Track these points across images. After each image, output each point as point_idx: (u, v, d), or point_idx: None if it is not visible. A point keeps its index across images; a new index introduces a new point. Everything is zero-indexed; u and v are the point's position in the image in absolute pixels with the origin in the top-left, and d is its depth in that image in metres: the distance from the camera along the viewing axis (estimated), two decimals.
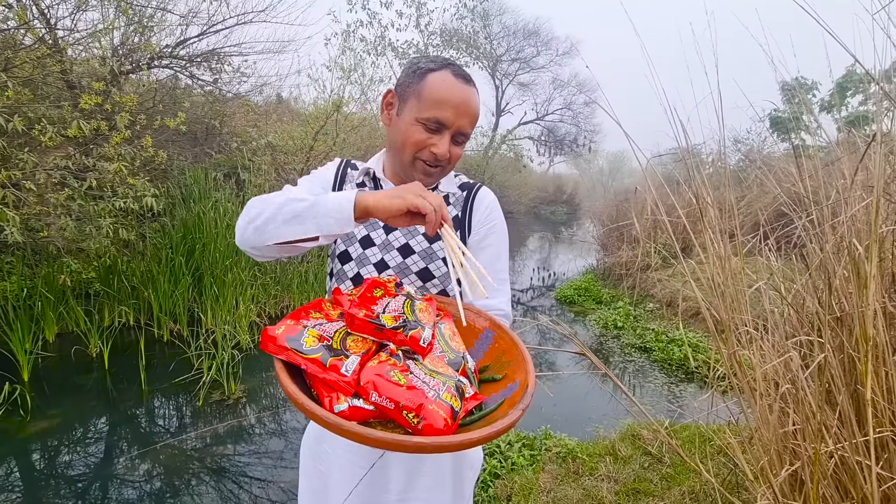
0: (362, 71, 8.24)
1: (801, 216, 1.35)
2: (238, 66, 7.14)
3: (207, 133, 7.15)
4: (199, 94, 6.94)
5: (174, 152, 5.73)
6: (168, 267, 4.63)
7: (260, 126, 7.51)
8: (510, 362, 0.75)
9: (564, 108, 19.56)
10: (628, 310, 5.71)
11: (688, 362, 4.23)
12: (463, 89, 0.88)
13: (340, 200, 0.71)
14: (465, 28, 11.94)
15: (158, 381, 3.67)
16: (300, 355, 0.63)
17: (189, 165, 5.78)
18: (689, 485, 1.99)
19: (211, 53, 6.79)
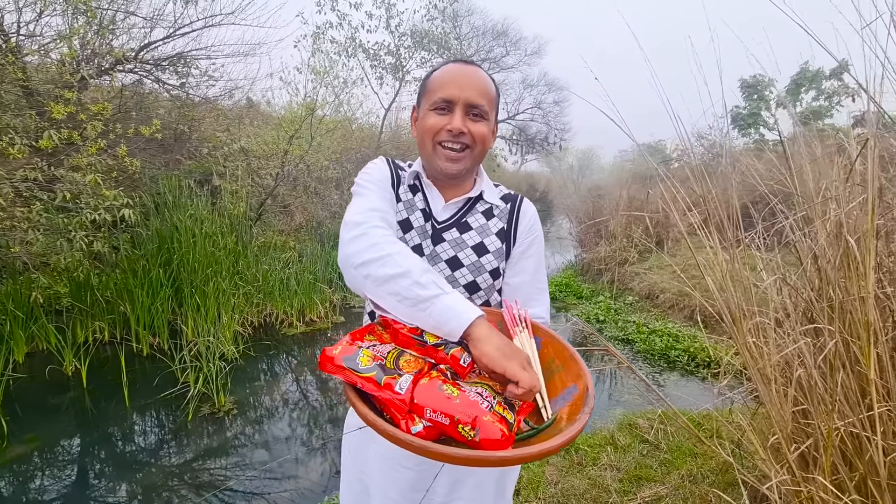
0: (335, 73, 8.15)
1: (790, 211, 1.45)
2: (206, 70, 6.94)
3: (176, 139, 6.92)
4: (166, 99, 6.71)
5: (143, 160, 5.52)
6: (145, 279, 4.47)
7: (232, 131, 7.33)
8: (562, 367, 0.77)
9: (534, 108, 19.87)
10: (609, 303, 5.88)
11: (669, 352, 4.40)
12: (462, 67, 0.93)
13: (459, 319, 0.71)
14: (435, 29, 11.96)
15: (143, 397, 3.55)
16: (356, 374, 0.65)
17: (160, 173, 5.60)
18: (686, 468, 2.10)
19: (177, 57, 6.58)
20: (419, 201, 0.99)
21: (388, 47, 11.68)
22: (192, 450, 2.99)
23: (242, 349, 4.25)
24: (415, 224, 0.97)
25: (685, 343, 4.47)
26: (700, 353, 4.26)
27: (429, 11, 11.50)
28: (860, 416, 0.97)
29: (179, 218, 4.85)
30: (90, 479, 2.72)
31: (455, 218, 0.99)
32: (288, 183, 7.74)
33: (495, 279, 0.96)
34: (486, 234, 0.97)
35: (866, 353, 0.96)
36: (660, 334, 4.73)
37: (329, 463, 2.92)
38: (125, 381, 3.48)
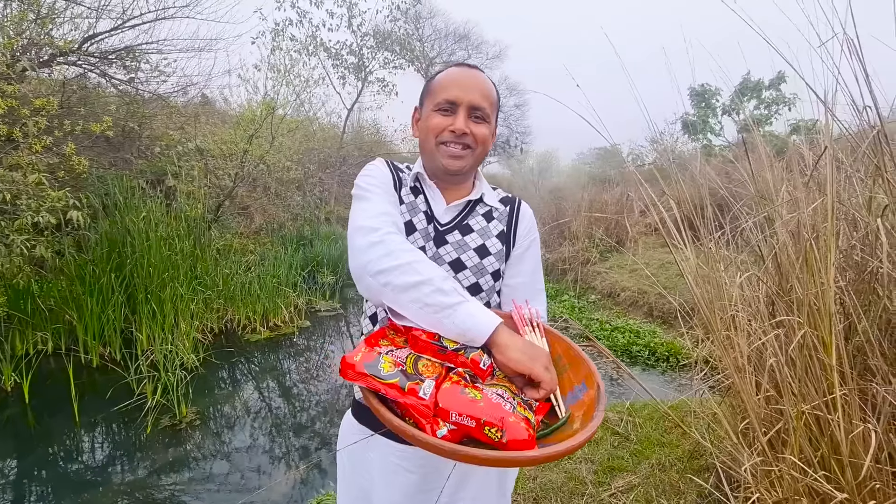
0: (297, 71, 7.96)
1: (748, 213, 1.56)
2: (157, 65, 6.61)
3: (125, 137, 6.53)
4: (114, 95, 6.33)
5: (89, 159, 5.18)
6: (94, 285, 4.19)
7: (186, 129, 7.01)
8: (569, 365, 0.79)
9: None
10: (573, 302, 6.05)
11: (631, 348, 4.58)
12: (466, 70, 0.95)
13: (482, 326, 0.73)
14: (398, 30, 11.93)
15: (94, 411, 3.32)
16: (379, 381, 0.65)
17: (109, 173, 5.27)
18: (656, 457, 2.20)
19: (126, 50, 6.22)
20: (421, 203, 0.99)
21: (350, 47, 11.53)
22: (151, 465, 2.83)
23: (203, 357, 4.07)
24: (418, 226, 0.97)
25: (646, 339, 4.67)
26: (660, 348, 4.47)
27: (391, 12, 11.44)
28: (824, 400, 1.07)
29: (132, 220, 4.57)
30: (47, 495, 2.52)
31: (457, 220, 0.99)
32: (247, 184, 7.48)
33: (496, 281, 0.97)
34: (488, 237, 0.99)
35: (828, 342, 1.06)
36: (622, 331, 4.92)
37: (293, 471, 2.84)
38: (74, 395, 3.25)
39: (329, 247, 7.78)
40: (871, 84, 1.06)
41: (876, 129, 1.04)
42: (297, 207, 8.79)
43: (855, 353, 1.28)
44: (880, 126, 1.03)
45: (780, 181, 1.43)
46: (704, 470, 1.95)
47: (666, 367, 4.30)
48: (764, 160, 1.43)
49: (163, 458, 2.89)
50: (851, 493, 0.99)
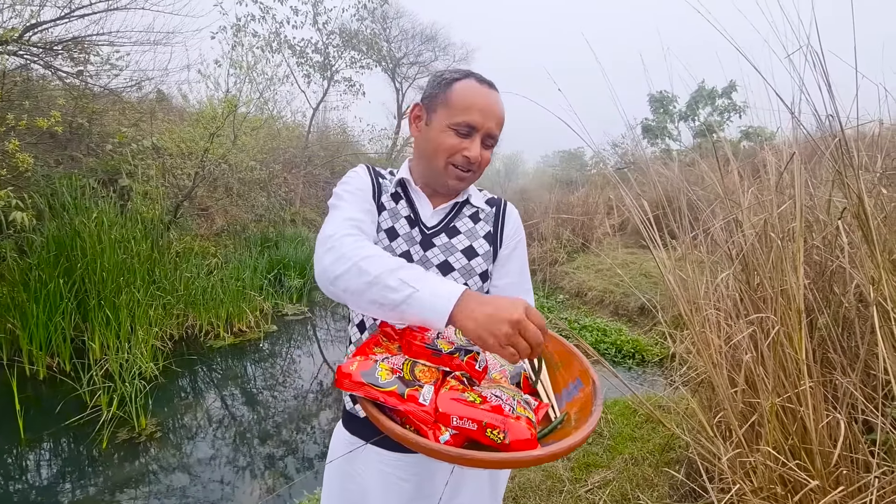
0: (261, 69, 7.71)
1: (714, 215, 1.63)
2: (108, 57, 6.25)
3: (73, 133, 6.14)
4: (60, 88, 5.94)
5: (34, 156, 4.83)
6: (40, 291, 3.90)
7: (141, 126, 6.66)
8: (561, 363, 0.79)
9: None
10: (542, 302, 6.16)
11: (599, 346, 4.71)
12: (489, 93, 0.93)
13: (436, 313, 0.66)
14: (365, 30, 11.79)
15: (42, 426, 3.10)
16: (377, 389, 0.63)
17: (56, 172, 4.93)
18: (629, 452, 2.26)
19: (74, 41, 5.86)
20: (402, 209, 0.98)
21: (315, 45, 11.31)
22: (107, 481, 2.66)
23: (163, 366, 3.87)
24: (400, 232, 0.96)
25: (612, 336, 4.81)
26: (626, 346, 4.61)
27: (358, 11, 11.30)
28: (795, 392, 1.13)
29: (83, 221, 4.30)
30: None
31: (444, 223, 0.99)
32: (208, 184, 7.19)
33: (484, 282, 0.97)
34: (475, 238, 0.98)
35: (798, 337, 1.12)
36: (590, 329, 5.05)
37: (260, 482, 2.75)
38: (18, 410, 3.02)
39: (296, 249, 7.59)
40: (833, 94, 1.13)
41: (837, 137, 1.12)
42: (261, 208, 8.52)
43: (815, 348, 1.36)
44: (841, 134, 1.11)
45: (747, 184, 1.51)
46: (676, 462, 2.02)
47: (632, 363, 4.45)
48: (732, 164, 1.50)
49: (120, 474, 2.72)
50: (822, 479, 1.05)
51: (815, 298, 1.31)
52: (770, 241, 1.29)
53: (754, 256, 1.36)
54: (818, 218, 1.39)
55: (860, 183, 1.11)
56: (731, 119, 11.27)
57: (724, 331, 1.36)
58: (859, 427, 1.16)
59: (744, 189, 1.60)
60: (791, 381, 1.16)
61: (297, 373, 4.41)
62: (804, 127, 1.25)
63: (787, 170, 1.31)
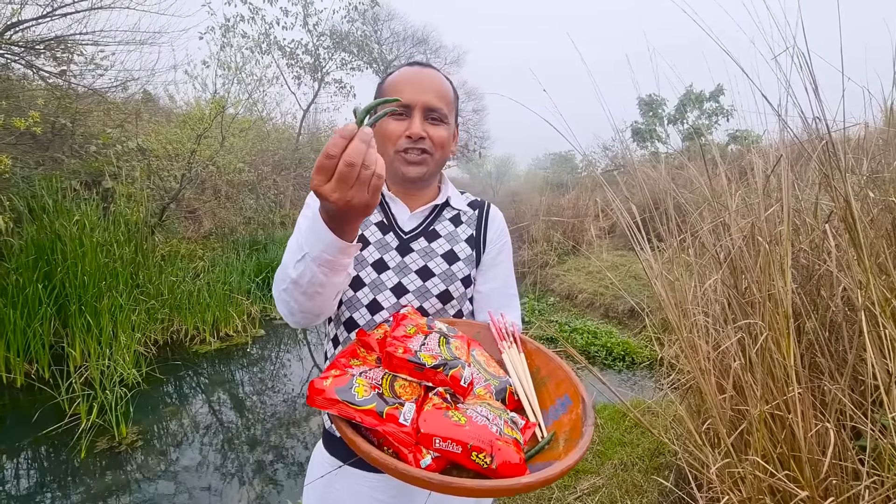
0: (250, 69, 7.64)
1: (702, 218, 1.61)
2: (92, 57, 6.15)
3: (55, 134, 6.03)
4: (42, 88, 5.82)
5: (13, 157, 4.72)
6: (18, 296, 3.80)
7: (126, 127, 6.56)
8: (548, 378, 0.75)
9: None
10: (533, 305, 6.14)
11: (589, 348, 4.70)
12: (418, 70, 0.90)
13: (313, 231, 0.69)
14: (356, 31, 11.74)
15: (18, 436, 3.01)
16: (353, 407, 0.58)
17: (37, 173, 4.82)
18: (618, 457, 2.24)
19: (56, 40, 5.75)
20: (374, 215, 0.95)
21: (305, 46, 11.23)
22: (86, 492, 2.58)
23: (146, 372, 3.78)
24: (371, 239, 0.92)
25: (603, 339, 4.80)
26: (616, 348, 4.61)
27: (349, 13, 11.25)
28: (784, 399, 1.11)
29: (63, 224, 4.20)
30: None
31: (422, 227, 0.95)
32: (195, 186, 7.09)
33: (467, 287, 0.94)
34: (456, 242, 0.95)
35: (787, 343, 1.10)
36: (580, 332, 5.04)
37: (245, 490, 2.69)
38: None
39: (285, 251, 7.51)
40: (820, 96, 1.12)
41: (824, 139, 1.10)
42: (249, 211, 8.42)
43: (803, 353, 1.34)
44: (828, 136, 1.09)
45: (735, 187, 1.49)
46: (665, 468, 2.00)
47: (622, 366, 4.44)
48: (720, 167, 1.49)
49: (99, 484, 2.65)
50: (812, 489, 1.03)
51: (803, 302, 1.29)
52: (758, 244, 1.28)
53: (742, 260, 1.34)
54: (805, 221, 1.38)
55: (847, 186, 1.10)
56: (718, 122, 11.40)
57: (712, 336, 1.34)
58: (847, 434, 1.14)
59: (731, 192, 1.58)
60: (779, 388, 1.14)
61: (286, 377, 4.34)
62: (791, 129, 1.24)
63: (775, 173, 1.29)
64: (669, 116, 11.87)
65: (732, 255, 1.37)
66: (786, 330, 1.10)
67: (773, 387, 1.15)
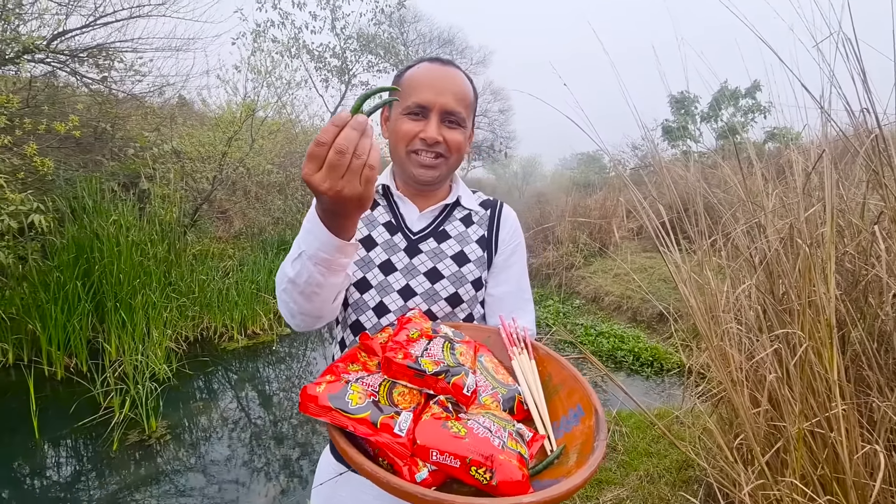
0: (278, 73, 7.81)
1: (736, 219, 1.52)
2: (131, 64, 6.41)
3: (97, 138, 6.31)
4: (85, 94, 6.11)
5: (58, 160, 4.96)
6: (59, 293, 3.98)
7: (162, 130, 6.80)
8: (560, 386, 0.70)
9: (480, 116, 20.28)
10: (558, 307, 6.02)
11: (616, 353, 4.56)
12: (439, 69, 0.86)
13: (309, 228, 0.68)
14: (382, 34, 11.85)
15: (56, 427, 3.14)
16: (346, 416, 0.55)
17: (79, 175, 5.05)
18: (644, 469, 2.14)
19: (98, 48, 6.02)
20: (381, 215, 0.92)
21: (333, 49, 11.41)
22: (116, 483, 2.66)
23: (176, 367, 3.89)
24: (379, 240, 0.90)
25: (630, 344, 4.65)
26: (644, 353, 4.45)
27: (375, 15, 11.36)
28: (826, 415, 1.02)
29: (101, 224, 4.38)
30: None
31: (432, 227, 0.92)
32: (226, 187, 7.29)
33: (478, 290, 0.90)
34: (467, 243, 0.91)
35: (829, 354, 1.01)
36: (606, 336, 4.90)
37: (270, 486, 2.72)
38: (34, 410, 3.06)
39: None
40: (868, 85, 1.02)
41: (873, 133, 1.01)
42: (278, 211, 8.60)
43: (847, 365, 1.24)
44: (878, 130, 1.00)
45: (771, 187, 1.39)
46: (694, 482, 1.90)
47: (650, 372, 4.29)
48: (756, 165, 1.40)
49: (129, 476, 2.73)
50: None
51: (848, 311, 1.19)
52: (797, 247, 1.18)
53: (779, 264, 1.25)
54: (851, 222, 1.27)
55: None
56: (754, 120, 10.89)
57: (744, 345, 1.25)
58: None
59: (768, 192, 1.48)
60: (821, 403, 1.05)
61: (311, 376, 4.39)
62: (835, 123, 1.14)
63: (816, 170, 1.20)
64: (702, 114, 11.45)
65: (768, 259, 1.28)
66: (828, 340, 1.01)
67: (813, 402, 1.06)
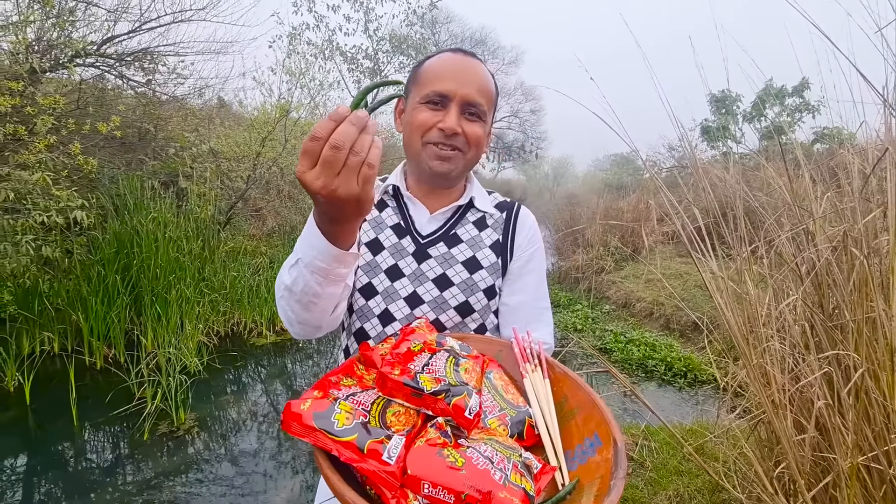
0: (312, 75, 7.96)
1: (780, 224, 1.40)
2: (174, 67, 6.68)
3: (141, 138, 6.60)
4: (131, 96, 6.41)
5: (103, 159, 5.21)
6: (100, 286, 4.17)
7: (201, 131, 7.05)
8: (577, 409, 0.63)
9: (511, 116, 20.11)
10: (586, 312, 5.86)
11: (647, 362, 4.38)
12: (462, 59, 0.82)
13: (306, 234, 0.64)
14: (414, 35, 11.89)
15: (93, 415, 3.27)
16: (331, 438, 0.50)
17: (121, 173, 5.29)
18: (673, 488, 2.03)
19: (143, 52, 6.30)
20: (389, 217, 0.88)
21: (365, 51, 11.54)
22: (143, 473, 2.75)
23: (207, 361, 4.00)
24: (385, 243, 0.85)
25: (662, 352, 4.47)
26: (676, 363, 4.26)
27: (407, 17, 11.43)
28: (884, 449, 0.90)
29: (140, 221, 4.56)
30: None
31: (442, 230, 0.87)
32: (260, 186, 7.48)
33: (490, 298, 0.84)
34: (479, 248, 0.86)
35: (890, 380, 0.90)
36: (637, 343, 4.72)
37: (293, 481, 2.74)
38: (73, 398, 3.20)
39: None
40: None
41: None
42: (309, 210, 8.78)
43: None
44: None
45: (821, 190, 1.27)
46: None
47: (683, 383, 4.10)
48: (803, 166, 1.28)
49: (158, 466, 2.81)
50: None
51: None
52: (851, 257, 1.07)
53: (830, 275, 1.13)
54: None
55: None
56: (802, 120, 10.28)
57: (788, 364, 1.14)
58: None
59: (817, 195, 1.36)
60: (878, 435, 0.93)
61: None
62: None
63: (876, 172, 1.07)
64: (745, 114, 10.90)
65: (817, 269, 1.17)
66: (888, 363, 0.90)
67: (869, 433, 0.95)
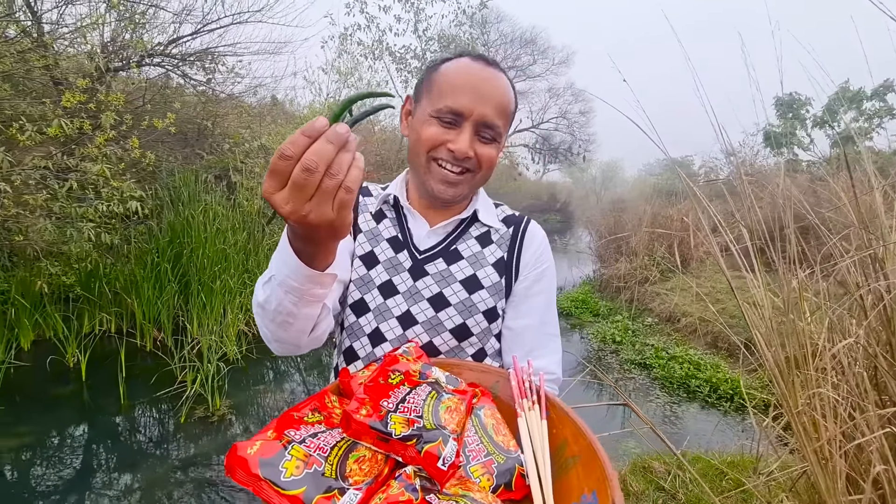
0: (359, 75, 8.11)
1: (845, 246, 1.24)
2: (232, 67, 7.02)
3: (199, 134, 6.99)
4: (192, 94, 6.79)
5: (163, 153, 5.55)
6: (153, 272, 4.43)
7: (253, 128, 7.36)
8: (578, 458, 0.54)
9: (559, 117, 19.67)
10: (627, 324, 5.61)
11: (690, 381, 4.12)
12: (482, 71, 0.74)
13: (279, 253, 0.59)
14: (463, 35, 11.87)
15: (139, 395, 3.47)
16: (275, 489, 0.44)
17: (179, 167, 5.60)
18: None
19: (204, 52, 6.66)
20: (386, 230, 0.82)
21: (414, 51, 11.64)
22: (179, 453, 2.88)
23: (245, 350, 4.15)
24: (381, 257, 0.80)
25: (707, 373, 4.19)
26: (723, 385, 3.98)
27: (457, 17, 11.42)
28: None
29: (192, 213, 4.81)
30: (78, 475, 2.64)
31: (442, 245, 0.81)
32: None
33: (491, 321, 0.78)
34: (481, 265, 0.79)
35: None
36: (680, 361, 4.46)
37: None
38: (122, 377, 3.41)
39: None
40: None
41: None
42: None
43: None
44: None
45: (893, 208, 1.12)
46: None
47: (729, 407, 3.82)
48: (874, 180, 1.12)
49: (191, 448, 2.94)
50: None
51: None
52: None
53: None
54: None
55: None
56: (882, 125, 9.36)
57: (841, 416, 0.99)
58: None
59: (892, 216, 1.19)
60: None
61: None
62: None
63: None
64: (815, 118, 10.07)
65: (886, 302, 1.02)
66: None
67: None
